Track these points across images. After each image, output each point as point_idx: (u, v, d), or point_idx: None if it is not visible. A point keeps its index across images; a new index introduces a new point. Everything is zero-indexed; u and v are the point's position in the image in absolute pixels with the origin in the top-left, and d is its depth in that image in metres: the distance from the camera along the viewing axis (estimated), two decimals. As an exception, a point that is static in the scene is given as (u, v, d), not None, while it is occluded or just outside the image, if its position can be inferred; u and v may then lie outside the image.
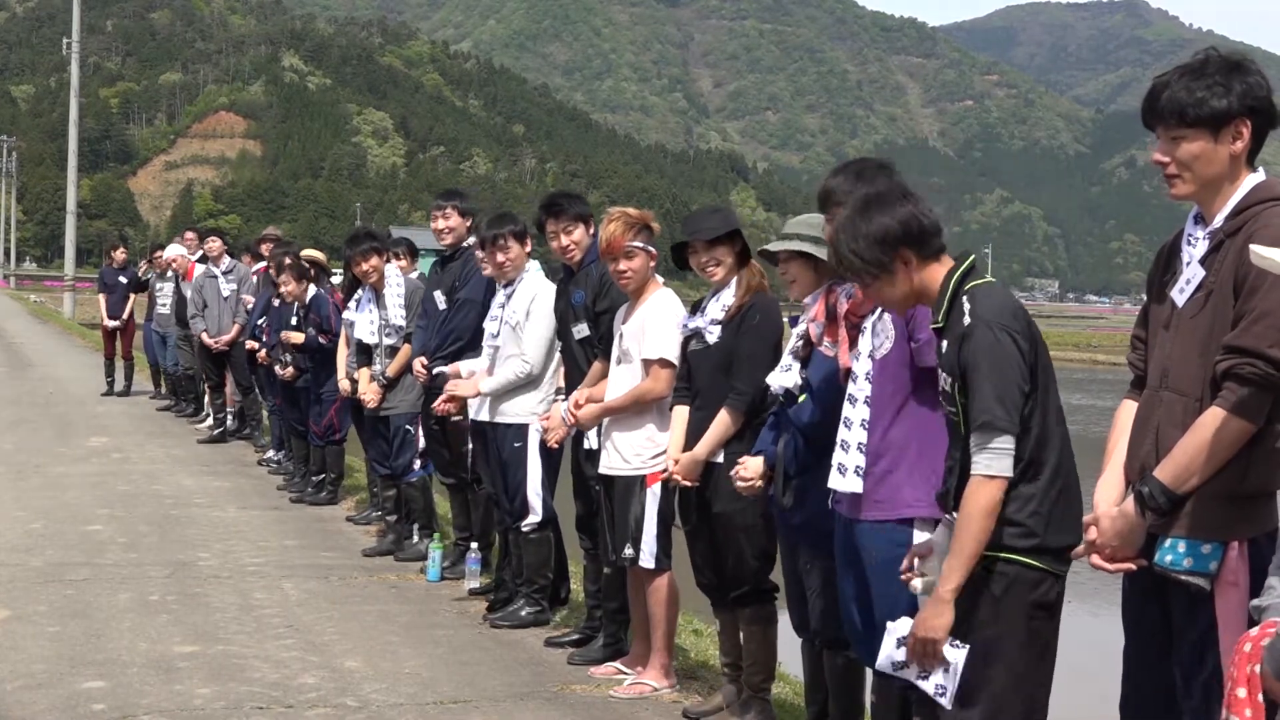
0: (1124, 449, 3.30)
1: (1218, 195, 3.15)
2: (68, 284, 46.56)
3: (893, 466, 3.90)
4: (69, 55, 44.48)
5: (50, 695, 5.37)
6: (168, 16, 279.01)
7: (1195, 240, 3.21)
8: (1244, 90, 3.09)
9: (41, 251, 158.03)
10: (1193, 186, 3.16)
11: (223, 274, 13.13)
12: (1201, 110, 3.09)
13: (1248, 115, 3.10)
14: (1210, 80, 3.10)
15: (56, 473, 11.31)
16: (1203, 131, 3.11)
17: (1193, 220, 3.26)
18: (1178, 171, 3.17)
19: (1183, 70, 3.16)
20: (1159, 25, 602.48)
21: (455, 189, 8.08)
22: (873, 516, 3.93)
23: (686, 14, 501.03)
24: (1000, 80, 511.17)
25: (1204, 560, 3.05)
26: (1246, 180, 3.14)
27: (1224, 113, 3.09)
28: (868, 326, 4.00)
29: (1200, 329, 3.11)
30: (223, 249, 13.29)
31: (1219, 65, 3.12)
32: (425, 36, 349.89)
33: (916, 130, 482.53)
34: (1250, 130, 3.12)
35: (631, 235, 5.50)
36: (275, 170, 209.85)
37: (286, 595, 7.26)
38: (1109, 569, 3.19)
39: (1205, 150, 3.12)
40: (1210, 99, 3.09)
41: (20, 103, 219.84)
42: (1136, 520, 3.10)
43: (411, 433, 8.31)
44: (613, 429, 5.60)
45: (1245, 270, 3.01)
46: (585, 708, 5.43)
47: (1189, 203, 3.27)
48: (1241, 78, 3.10)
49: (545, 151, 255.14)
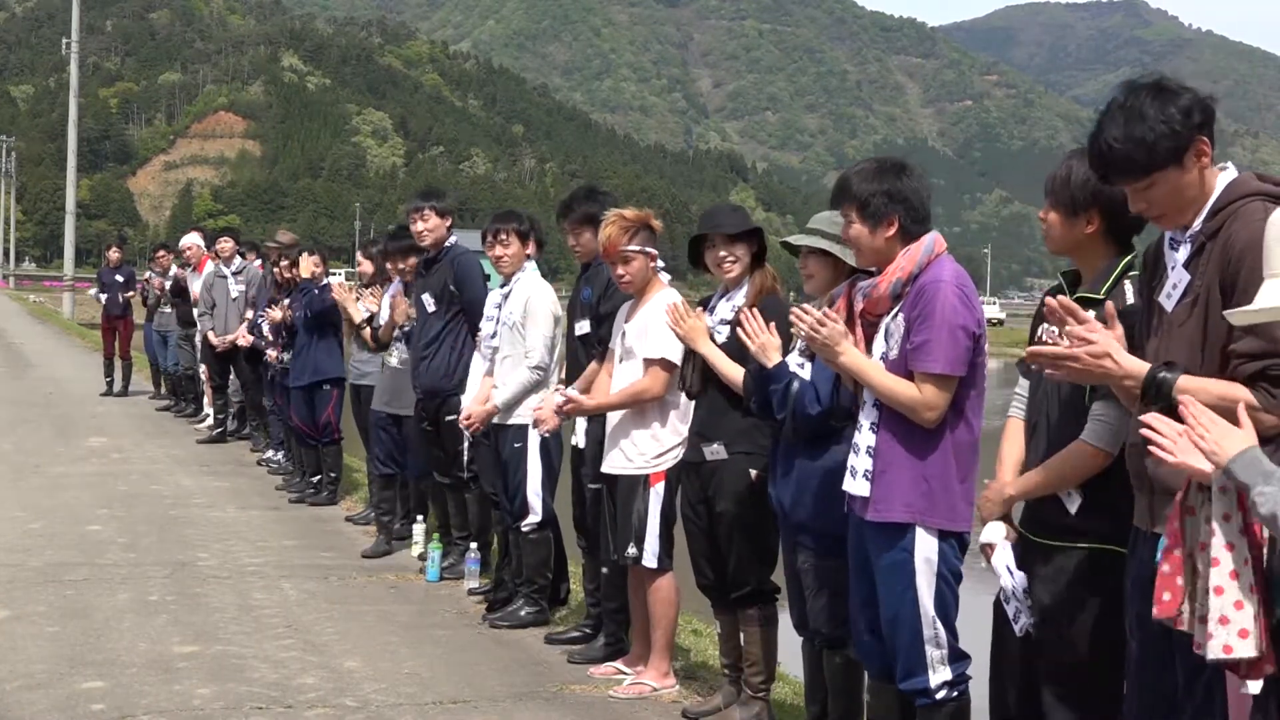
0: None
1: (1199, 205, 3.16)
2: (67, 284, 46.58)
3: (889, 468, 3.91)
4: (68, 55, 44.49)
5: (49, 695, 5.36)
6: (167, 16, 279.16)
7: (1179, 244, 3.21)
8: (1184, 114, 3.07)
9: (41, 252, 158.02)
10: (1180, 214, 3.17)
11: (232, 274, 13.07)
12: (1159, 154, 3.07)
13: (1199, 132, 3.09)
14: (1149, 122, 3.06)
15: (56, 473, 11.31)
16: (1168, 170, 3.10)
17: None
18: (1162, 211, 3.18)
19: (1116, 120, 3.11)
20: (1158, 25, 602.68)
21: (431, 189, 7.96)
22: (875, 518, 3.94)
23: (686, 14, 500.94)
24: (1000, 80, 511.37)
25: None
26: (1219, 180, 3.15)
27: (1180, 145, 3.07)
28: (883, 328, 4.01)
29: (1191, 334, 3.11)
30: (234, 249, 13.23)
31: (1149, 99, 3.09)
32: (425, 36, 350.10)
33: (916, 130, 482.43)
34: (1208, 142, 3.11)
35: (628, 239, 5.49)
36: (275, 170, 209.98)
37: (286, 595, 7.26)
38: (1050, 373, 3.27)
39: (1179, 182, 3.11)
40: (1161, 140, 3.06)
41: (20, 103, 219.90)
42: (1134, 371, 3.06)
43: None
44: (616, 428, 5.60)
45: (1233, 271, 3.01)
46: (585, 708, 5.43)
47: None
48: (1174, 102, 3.08)
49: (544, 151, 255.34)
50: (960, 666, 3.98)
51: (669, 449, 5.44)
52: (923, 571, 3.90)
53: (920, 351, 3.84)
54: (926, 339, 3.83)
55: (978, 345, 3.91)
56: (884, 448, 3.92)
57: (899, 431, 3.91)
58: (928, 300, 3.86)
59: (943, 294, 3.85)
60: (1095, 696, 3.57)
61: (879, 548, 3.95)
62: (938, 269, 3.92)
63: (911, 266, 3.93)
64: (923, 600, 3.90)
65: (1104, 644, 3.53)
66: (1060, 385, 3.61)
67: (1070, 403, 3.59)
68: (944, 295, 3.85)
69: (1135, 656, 3.31)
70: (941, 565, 3.91)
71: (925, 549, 3.90)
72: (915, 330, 3.86)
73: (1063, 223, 3.66)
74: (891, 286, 3.95)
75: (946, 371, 3.83)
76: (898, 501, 3.90)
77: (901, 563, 3.91)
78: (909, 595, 3.91)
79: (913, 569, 3.90)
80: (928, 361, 3.83)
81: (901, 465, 3.90)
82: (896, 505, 3.90)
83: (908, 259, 3.95)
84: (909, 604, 3.91)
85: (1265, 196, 3.09)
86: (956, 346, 3.84)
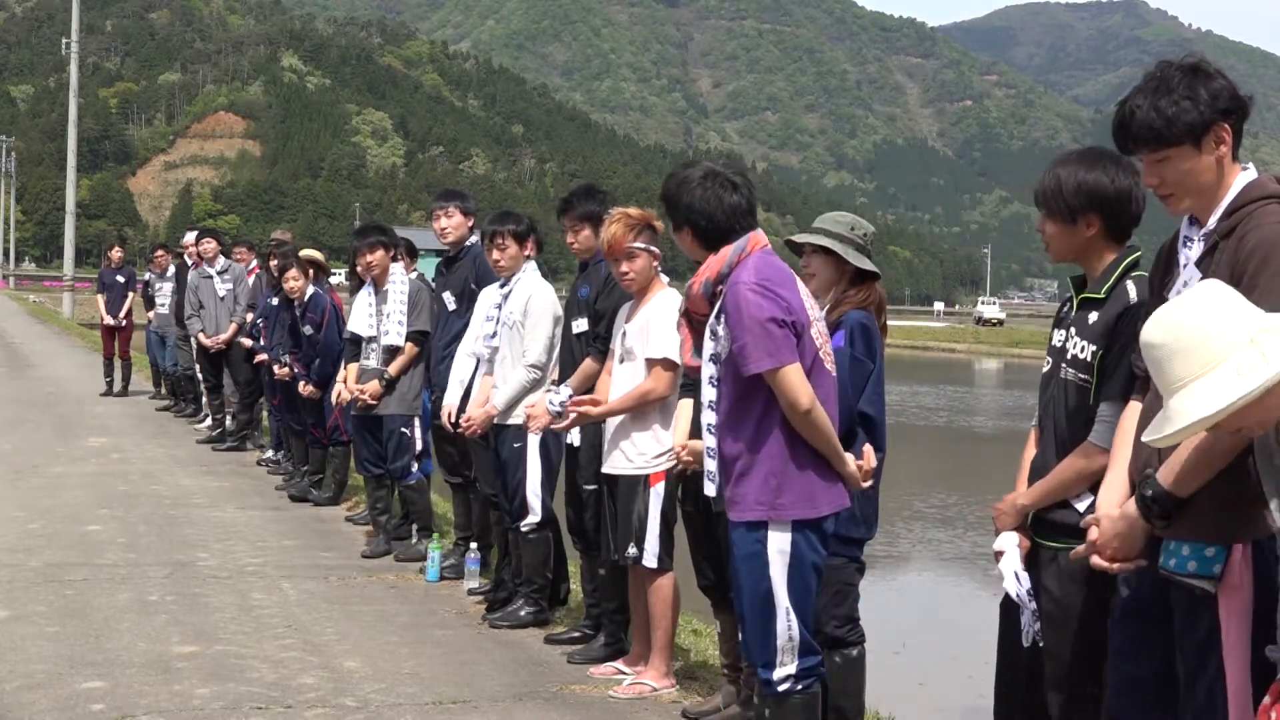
0: (1129, 451, 3.31)
1: (1213, 199, 3.16)
2: (67, 284, 46.59)
3: (735, 469, 4.00)
4: (68, 55, 44.51)
5: (49, 695, 5.36)
6: (167, 16, 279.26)
7: (1191, 242, 3.21)
8: (1211, 96, 3.09)
9: (40, 252, 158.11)
10: (1190, 199, 3.17)
11: (218, 274, 13.16)
12: (1177, 128, 3.09)
13: (1223, 118, 3.10)
14: (1177, 95, 3.09)
15: (55, 473, 11.30)
16: (1185, 147, 3.11)
17: (1188, 221, 3.26)
18: (1172, 190, 3.18)
19: (1146, 90, 3.15)
20: (1158, 25, 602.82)
21: (456, 189, 8.01)
22: (735, 518, 4.02)
23: (686, 14, 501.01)
24: (999, 80, 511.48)
25: (1208, 563, 3.05)
26: (1238, 179, 3.15)
27: (1200, 123, 3.09)
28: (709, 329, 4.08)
29: None
30: (217, 250, 13.32)
31: (1181, 76, 3.11)
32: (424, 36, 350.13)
33: (915, 130, 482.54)
34: (1230, 132, 3.12)
35: (633, 236, 5.49)
36: (274, 170, 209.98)
37: (285, 595, 7.25)
38: (1111, 569, 3.19)
39: (1193, 164, 3.12)
40: (1182, 114, 3.08)
41: (19, 103, 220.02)
42: (1138, 521, 3.10)
43: (408, 435, 8.26)
44: (617, 429, 5.59)
45: (1240, 271, 3.01)
46: (585, 708, 5.42)
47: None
48: (1205, 83, 3.10)
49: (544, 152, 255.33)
50: (809, 661, 4.02)
51: (669, 449, 5.43)
52: (776, 563, 3.95)
53: (741, 356, 3.92)
54: (742, 342, 3.92)
55: (796, 329, 3.94)
56: (726, 450, 4.02)
57: (736, 432, 4.00)
58: (732, 303, 3.97)
59: (740, 294, 3.94)
60: (1099, 700, 3.57)
61: (737, 539, 4.02)
62: (740, 269, 4.01)
63: (720, 267, 4.04)
64: (777, 592, 3.95)
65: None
66: (1067, 389, 3.62)
67: (1078, 406, 3.60)
68: (741, 295, 3.93)
69: (1125, 654, 3.31)
70: (795, 557, 3.95)
71: (778, 542, 3.95)
72: (733, 335, 3.95)
73: (1062, 232, 3.66)
74: (703, 287, 4.06)
75: (773, 366, 3.88)
76: (750, 499, 3.97)
77: (755, 554, 3.97)
78: (763, 586, 3.96)
79: (766, 560, 3.95)
80: (749, 364, 3.90)
81: (746, 464, 3.98)
82: (750, 503, 3.97)
83: (717, 260, 4.06)
84: (762, 596, 3.97)
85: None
86: (771, 339, 3.89)
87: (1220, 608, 3.02)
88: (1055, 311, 3.85)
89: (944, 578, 12.76)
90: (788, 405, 3.91)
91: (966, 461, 21.50)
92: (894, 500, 4.19)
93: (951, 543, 13.88)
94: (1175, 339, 2.62)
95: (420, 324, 8.09)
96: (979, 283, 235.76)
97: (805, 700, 4.04)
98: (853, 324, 4.56)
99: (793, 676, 4.00)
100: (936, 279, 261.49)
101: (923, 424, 25.07)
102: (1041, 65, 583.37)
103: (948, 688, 8.53)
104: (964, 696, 7.97)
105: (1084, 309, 3.64)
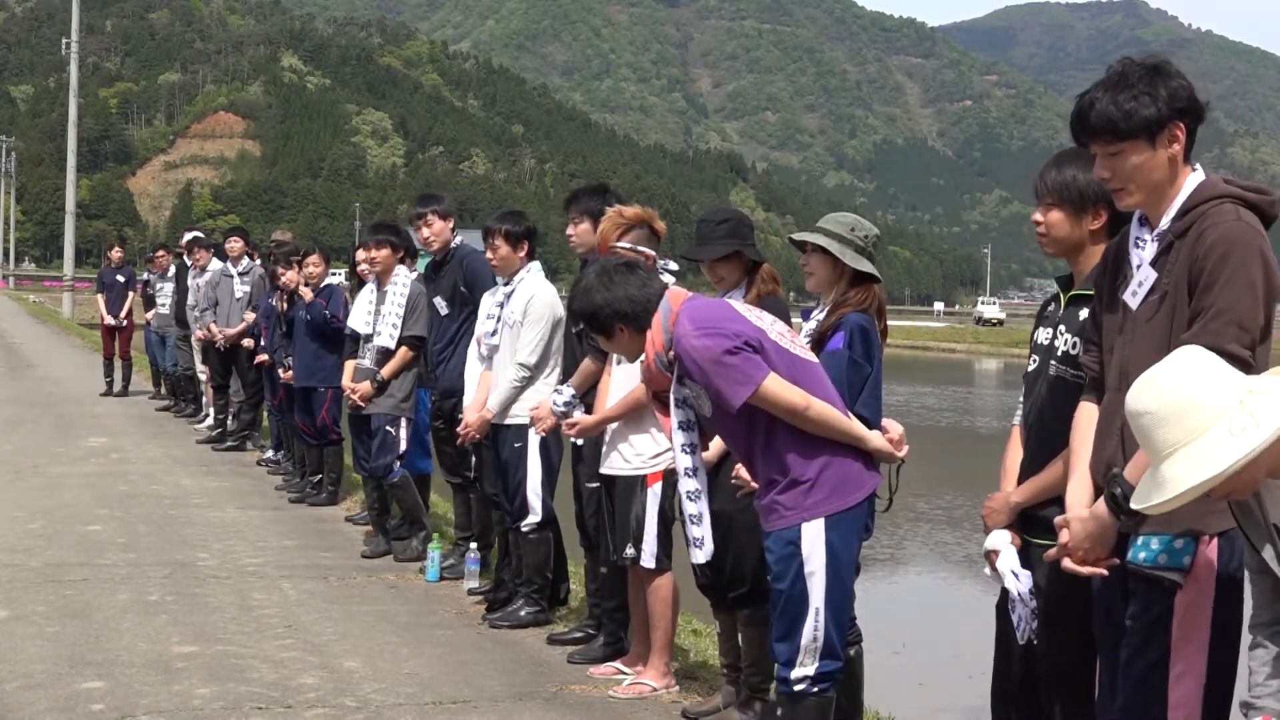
0: (1089, 451, 3.32)
1: (1163, 198, 3.19)
2: (66, 284, 46.59)
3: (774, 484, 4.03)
4: (68, 55, 44.51)
5: (49, 695, 5.36)
6: (167, 16, 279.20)
7: (1144, 243, 3.24)
8: (1169, 94, 3.13)
9: (40, 252, 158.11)
10: (1140, 195, 3.20)
11: (239, 275, 13.02)
12: (1133, 121, 3.13)
13: (1178, 117, 3.14)
14: (1136, 90, 3.13)
15: (55, 473, 11.30)
16: (1139, 142, 3.14)
17: (1138, 222, 3.29)
18: (1123, 185, 3.21)
19: (1106, 84, 3.19)
20: (1158, 25, 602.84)
21: (429, 194, 8.01)
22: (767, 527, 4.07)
23: (686, 14, 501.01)
24: (999, 80, 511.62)
25: (1178, 555, 3.09)
26: (1189, 180, 3.18)
27: (1155, 120, 3.13)
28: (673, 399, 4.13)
29: (1157, 331, 3.13)
30: (243, 250, 13.17)
31: (1140, 73, 3.15)
32: (424, 36, 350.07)
33: (915, 130, 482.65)
34: (1185, 131, 3.16)
35: (618, 235, 5.50)
36: (274, 170, 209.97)
37: (285, 595, 7.26)
38: (1083, 572, 3.19)
39: (1145, 159, 3.15)
40: (1139, 109, 3.12)
41: (19, 103, 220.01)
42: (1109, 521, 3.11)
43: (393, 434, 8.25)
44: (615, 430, 5.60)
45: (1199, 269, 3.05)
46: (584, 708, 5.42)
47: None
48: (1164, 82, 3.14)
49: (544, 152, 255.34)
50: (828, 665, 4.02)
51: (666, 449, 5.43)
52: (810, 563, 3.96)
53: (720, 398, 3.95)
54: (714, 387, 3.95)
55: (753, 346, 3.96)
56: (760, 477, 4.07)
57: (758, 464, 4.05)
58: (686, 360, 4.00)
59: (687, 348, 3.97)
60: (1094, 699, 3.57)
61: (772, 544, 4.04)
62: (677, 329, 4.02)
63: (660, 337, 4.06)
64: (812, 594, 3.97)
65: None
66: (1056, 385, 3.62)
67: (1068, 401, 3.60)
68: (689, 347, 3.97)
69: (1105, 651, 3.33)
70: (830, 555, 3.96)
71: (812, 541, 3.96)
72: (703, 385, 3.98)
73: (1067, 220, 3.64)
74: (657, 362, 4.08)
75: (751, 390, 3.90)
76: (782, 508, 4.00)
77: (788, 556, 3.98)
78: (796, 588, 3.98)
79: (801, 561, 3.96)
80: (731, 400, 3.93)
81: (776, 480, 4.00)
82: (782, 511, 4.00)
83: (654, 333, 4.09)
84: (794, 597, 3.98)
85: (1235, 199, 3.13)
86: (735, 369, 3.92)
87: (1176, 597, 3.07)
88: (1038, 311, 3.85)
89: (944, 578, 12.76)
90: (786, 413, 3.93)
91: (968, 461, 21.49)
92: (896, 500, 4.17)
93: (952, 544, 13.87)
94: (1161, 406, 2.64)
95: (416, 329, 8.08)
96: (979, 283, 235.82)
97: (819, 703, 4.04)
98: (852, 326, 4.56)
99: (809, 678, 4.00)
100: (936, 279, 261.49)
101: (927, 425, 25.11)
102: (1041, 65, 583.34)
103: (947, 688, 8.53)
104: (964, 696, 7.97)
105: (1074, 305, 3.64)
